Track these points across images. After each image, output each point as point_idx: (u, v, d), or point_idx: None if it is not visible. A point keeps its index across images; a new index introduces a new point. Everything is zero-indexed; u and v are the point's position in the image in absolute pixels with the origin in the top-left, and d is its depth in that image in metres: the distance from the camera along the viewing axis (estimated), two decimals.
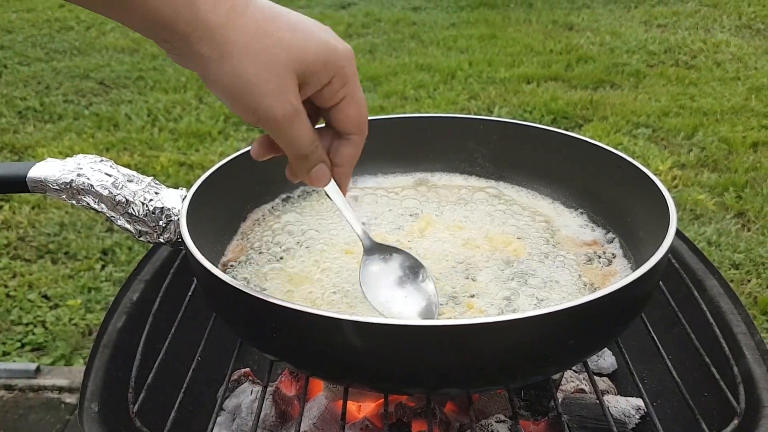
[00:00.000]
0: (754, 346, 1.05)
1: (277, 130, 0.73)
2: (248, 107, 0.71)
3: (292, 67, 0.70)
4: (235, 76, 0.69)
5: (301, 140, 0.75)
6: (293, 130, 0.73)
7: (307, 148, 0.76)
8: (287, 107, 0.71)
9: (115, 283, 2.57)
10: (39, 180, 1.00)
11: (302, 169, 0.79)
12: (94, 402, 1.01)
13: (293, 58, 0.70)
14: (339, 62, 0.73)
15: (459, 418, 1.09)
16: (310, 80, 0.73)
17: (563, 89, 4.32)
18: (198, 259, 0.83)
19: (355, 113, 0.78)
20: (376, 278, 0.92)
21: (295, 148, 0.76)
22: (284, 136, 0.74)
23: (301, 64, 0.71)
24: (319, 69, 0.72)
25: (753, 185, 3.13)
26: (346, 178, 0.84)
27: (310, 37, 0.71)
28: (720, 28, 5.42)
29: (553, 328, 0.74)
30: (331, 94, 0.75)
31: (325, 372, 0.85)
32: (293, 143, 0.75)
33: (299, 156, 0.77)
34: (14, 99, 4.26)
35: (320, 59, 0.72)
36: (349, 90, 0.76)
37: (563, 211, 1.16)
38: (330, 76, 0.73)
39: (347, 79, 0.75)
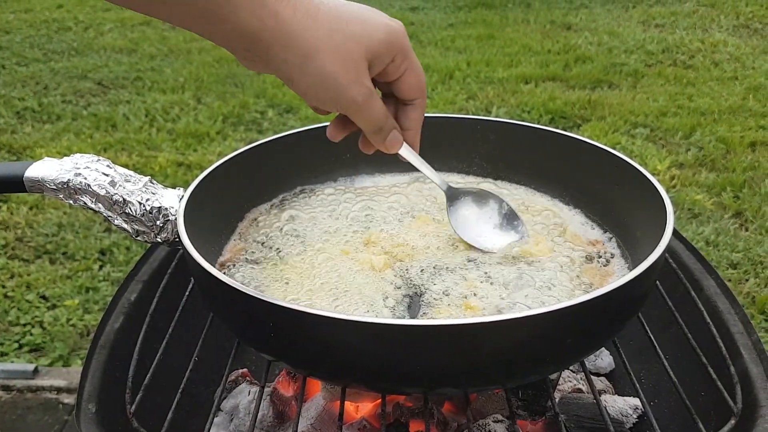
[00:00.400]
0: (751, 345, 1.05)
1: (358, 112, 0.82)
2: (333, 99, 0.79)
3: (364, 55, 0.78)
4: (318, 75, 0.77)
5: (377, 116, 0.84)
6: (370, 109, 0.82)
7: (382, 121, 0.85)
8: (364, 91, 0.80)
9: (113, 284, 2.57)
10: (36, 180, 1.00)
11: (379, 139, 0.88)
12: (91, 402, 1.01)
13: (364, 47, 0.78)
14: (399, 41, 0.81)
15: (457, 417, 1.09)
16: (377, 62, 0.81)
17: (561, 89, 4.32)
18: (195, 258, 0.83)
19: (416, 80, 0.86)
20: (464, 219, 1.07)
21: (373, 124, 0.84)
22: (363, 116, 0.83)
23: (370, 51, 0.79)
24: (384, 51, 0.80)
25: (751, 185, 3.13)
26: (416, 138, 0.93)
27: (373, 25, 0.79)
28: (718, 27, 5.42)
29: (550, 328, 0.74)
30: (395, 69, 0.83)
31: (322, 372, 0.85)
32: (371, 120, 0.84)
33: (376, 129, 0.85)
34: (12, 99, 4.25)
35: (384, 42, 0.80)
36: (410, 62, 0.84)
37: (562, 208, 1.16)
38: (393, 55, 0.81)
39: (406, 53, 0.83)
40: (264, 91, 4.30)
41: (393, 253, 1.04)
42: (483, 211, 1.08)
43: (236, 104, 4.10)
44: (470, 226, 1.06)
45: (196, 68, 4.72)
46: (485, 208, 1.08)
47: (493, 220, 1.08)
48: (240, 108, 4.07)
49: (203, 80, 4.51)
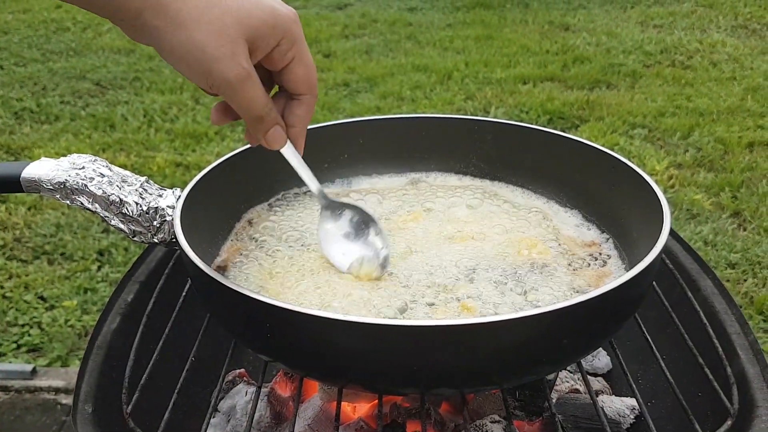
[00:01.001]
0: (748, 346, 1.05)
1: (232, 92, 0.78)
2: (202, 72, 0.76)
3: (241, 32, 0.75)
4: (188, 44, 0.74)
5: (254, 102, 0.80)
6: (246, 91, 0.78)
7: (262, 110, 0.81)
8: (239, 70, 0.76)
9: (111, 284, 2.57)
10: (33, 180, 1.00)
11: (258, 131, 0.84)
12: (88, 403, 1.01)
13: (242, 24, 0.75)
14: (285, 25, 0.78)
15: (454, 418, 1.09)
16: (260, 44, 0.77)
17: (559, 90, 4.32)
18: (192, 259, 0.83)
19: (304, 73, 0.83)
20: (331, 234, 1.01)
21: (250, 110, 0.81)
22: (238, 99, 0.79)
23: (250, 28, 0.75)
24: (267, 32, 0.77)
25: (749, 185, 3.13)
26: (300, 138, 0.89)
27: (255, 4, 0.76)
28: (716, 28, 5.43)
29: (546, 329, 0.74)
30: (280, 56, 0.80)
31: (319, 372, 0.85)
32: (248, 105, 0.80)
33: (254, 118, 0.82)
34: (10, 100, 4.25)
35: (268, 23, 0.76)
36: (297, 51, 0.81)
37: (558, 210, 1.16)
38: (278, 39, 0.78)
39: (294, 40, 0.80)
40: None
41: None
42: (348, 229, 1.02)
43: None
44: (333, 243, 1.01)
45: None
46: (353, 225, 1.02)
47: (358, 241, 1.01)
48: None
49: None
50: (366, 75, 4.59)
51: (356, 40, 5.48)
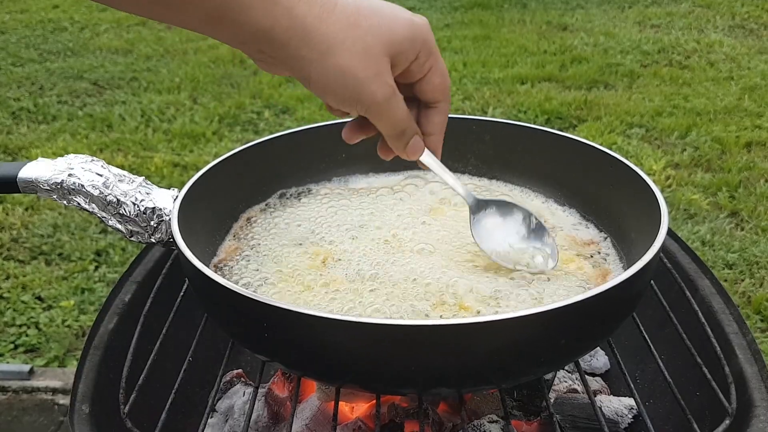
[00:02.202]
0: (746, 345, 1.05)
1: (378, 112, 0.77)
2: (352, 97, 0.75)
3: (385, 51, 0.74)
4: (337, 71, 0.72)
5: (398, 118, 0.79)
6: (392, 109, 0.78)
7: (405, 124, 0.81)
8: (386, 89, 0.75)
9: (108, 284, 2.56)
10: (29, 180, 0.99)
11: (400, 144, 0.83)
12: (85, 403, 1.01)
13: (384, 42, 0.74)
14: (423, 36, 0.77)
15: (451, 418, 1.09)
16: (401, 59, 0.76)
17: (557, 90, 4.32)
18: (189, 258, 0.83)
19: (440, 82, 0.81)
20: (488, 232, 0.99)
21: (394, 126, 0.80)
22: (384, 117, 0.78)
23: (392, 46, 0.74)
24: (407, 47, 0.76)
25: (746, 185, 3.14)
26: (438, 144, 0.88)
27: (394, 19, 0.75)
28: (713, 28, 5.43)
29: (543, 328, 0.74)
30: (418, 68, 0.79)
31: (316, 372, 0.85)
32: (392, 122, 0.79)
33: (398, 132, 0.81)
34: (8, 100, 4.24)
35: (407, 38, 0.75)
36: (434, 60, 0.79)
37: (556, 209, 1.16)
38: (417, 52, 0.77)
39: (431, 50, 0.78)
40: (260, 91, 4.29)
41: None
42: (507, 224, 1.00)
43: (232, 105, 4.10)
44: (494, 241, 0.99)
45: (192, 69, 4.72)
46: (510, 220, 1.00)
47: (520, 235, 1.00)
48: (236, 108, 4.06)
49: (199, 81, 4.51)
50: None
51: None
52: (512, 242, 0.99)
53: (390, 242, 1.06)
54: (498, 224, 1.00)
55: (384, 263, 1.00)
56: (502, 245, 0.99)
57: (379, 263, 1.00)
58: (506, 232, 1.00)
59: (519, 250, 0.99)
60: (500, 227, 1.00)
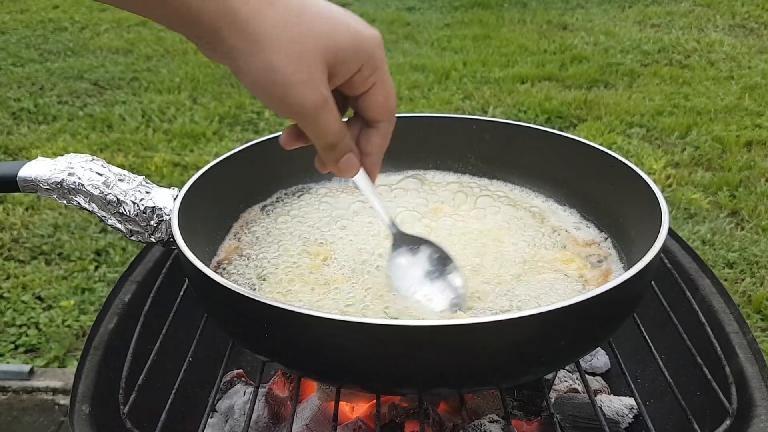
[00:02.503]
0: (747, 345, 1.05)
1: (306, 119, 0.73)
2: (279, 98, 0.71)
3: (322, 57, 0.70)
4: (266, 68, 0.69)
5: (329, 130, 0.75)
6: (321, 120, 0.73)
7: (335, 138, 0.76)
8: (316, 97, 0.71)
9: (108, 284, 2.56)
10: (29, 179, 0.99)
11: (330, 159, 0.79)
12: (85, 403, 1.00)
13: (324, 47, 0.70)
14: (369, 49, 0.73)
15: (452, 418, 1.09)
16: (341, 69, 0.72)
17: (557, 89, 4.32)
18: (189, 258, 0.83)
19: (384, 99, 0.78)
20: (403, 270, 0.94)
21: (324, 138, 0.76)
22: (313, 126, 0.74)
23: (332, 53, 0.71)
24: (349, 57, 0.72)
25: (747, 184, 3.13)
26: (375, 166, 0.84)
27: (339, 26, 0.71)
28: (714, 27, 5.43)
29: (544, 329, 0.74)
30: (361, 81, 0.75)
31: (317, 372, 0.85)
32: (322, 133, 0.75)
33: (327, 145, 0.77)
34: (8, 100, 4.24)
35: (350, 47, 0.71)
36: (379, 76, 0.76)
37: (557, 209, 1.16)
38: (360, 64, 0.73)
39: (377, 65, 0.75)
40: None
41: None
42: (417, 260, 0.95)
43: (232, 104, 4.10)
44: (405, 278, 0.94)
45: (192, 68, 4.72)
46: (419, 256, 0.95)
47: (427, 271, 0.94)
48: (236, 108, 4.06)
49: (199, 80, 4.51)
50: None
51: None
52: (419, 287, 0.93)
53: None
54: (413, 264, 0.95)
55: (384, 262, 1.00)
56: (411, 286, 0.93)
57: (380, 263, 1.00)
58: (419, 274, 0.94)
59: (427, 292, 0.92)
60: (414, 267, 0.94)
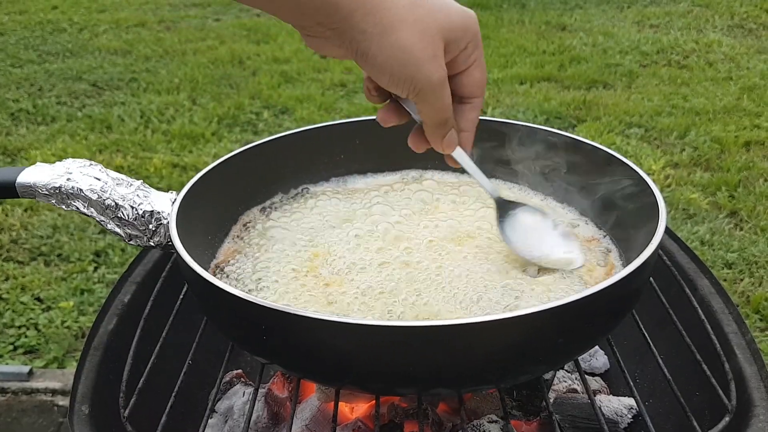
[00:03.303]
0: (745, 344, 1.05)
1: (432, 95, 0.76)
2: (408, 76, 0.74)
3: (441, 34, 0.74)
4: (396, 48, 0.72)
5: (446, 105, 0.78)
6: (442, 95, 0.77)
7: (448, 113, 0.79)
8: (441, 72, 0.75)
9: (108, 285, 2.56)
10: (28, 185, 0.99)
11: (439, 134, 0.81)
12: (84, 405, 1.01)
13: (441, 25, 0.74)
14: (474, 28, 0.77)
15: (451, 418, 1.09)
16: (452, 47, 0.76)
17: (556, 90, 4.32)
18: (187, 262, 0.83)
19: (481, 76, 0.81)
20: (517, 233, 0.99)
21: (441, 113, 0.79)
22: (436, 101, 0.77)
23: (449, 30, 0.74)
24: (460, 35, 0.76)
25: (745, 184, 3.14)
26: (470, 140, 0.87)
27: (450, 6, 0.75)
28: (712, 28, 5.43)
29: (541, 327, 0.74)
30: (464, 59, 0.78)
31: (316, 374, 0.85)
32: (439, 108, 0.78)
33: (442, 121, 0.80)
34: (7, 101, 4.24)
35: (461, 26, 0.76)
36: (479, 54, 0.79)
37: (556, 207, 1.16)
38: (467, 42, 0.77)
39: (478, 43, 0.79)
40: (259, 92, 4.29)
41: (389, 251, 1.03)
42: (536, 227, 1.00)
43: (231, 105, 4.10)
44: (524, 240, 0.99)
45: (191, 69, 4.72)
46: (539, 223, 1.01)
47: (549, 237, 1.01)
48: (235, 109, 4.06)
49: (198, 81, 4.51)
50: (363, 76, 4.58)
51: None
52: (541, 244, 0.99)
53: (389, 241, 1.06)
54: (526, 225, 1.00)
55: (384, 262, 1.00)
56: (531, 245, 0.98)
57: (379, 262, 1.00)
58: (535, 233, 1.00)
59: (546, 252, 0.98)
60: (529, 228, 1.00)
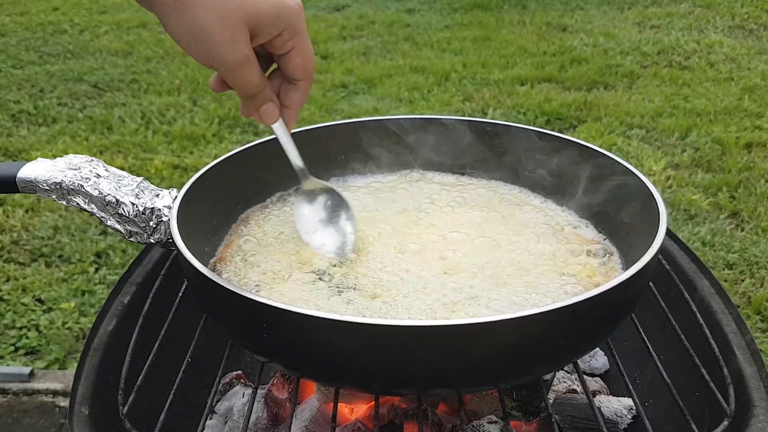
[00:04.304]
0: (745, 345, 1.05)
1: (229, 73, 0.83)
2: (202, 53, 0.80)
3: (244, 20, 0.79)
4: (192, 26, 0.78)
5: (249, 83, 0.86)
6: (242, 74, 0.84)
7: (255, 90, 0.87)
8: (238, 55, 0.81)
9: (108, 286, 2.56)
10: (29, 180, 0.99)
11: (251, 107, 0.90)
12: (84, 405, 1.01)
13: (246, 12, 0.79)
14: (289, 17, 0.83)
15: (451, 419, 1.09)
16: (261, 32, 0.82)
17: (557, 90, 4.32)
18: (188, 259, 0.83)
19: (302, 62, 0.88)
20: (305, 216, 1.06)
21: (244, 89, 0.87)
22: (235, 79, 0.84)
23: (253, 18, 0.79)
24: (269, 23, 0.81)
25: (746, 185, 3.13)
26: (293, 118, 0.95)
27: None
28: (713, 28, 5.43)
29: (542, 329, 0.74)
30: (281, 44, 0.85)
31: (315, 373, 0.85)
32: (242, 85, 0.86)
33: (248, 95, 0.88)
34: (8, 102, 4.24)
35: (271, 14, 0.81)
36: (298, 41, 0.86)
37: (555, 209, 1.16)
38: (280, 29, 0.83)
39: (296, 31, 0.85)
40: None
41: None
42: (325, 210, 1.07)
43: (232, 106, 4.10)
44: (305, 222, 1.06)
45: (191, 70, 4.72)
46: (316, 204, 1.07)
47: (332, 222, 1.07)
48: (236, 110, 4.06)
49: (199, 82, 4.51)
50: (363, 76, 4.59)
51: (354, 41, 5.48)
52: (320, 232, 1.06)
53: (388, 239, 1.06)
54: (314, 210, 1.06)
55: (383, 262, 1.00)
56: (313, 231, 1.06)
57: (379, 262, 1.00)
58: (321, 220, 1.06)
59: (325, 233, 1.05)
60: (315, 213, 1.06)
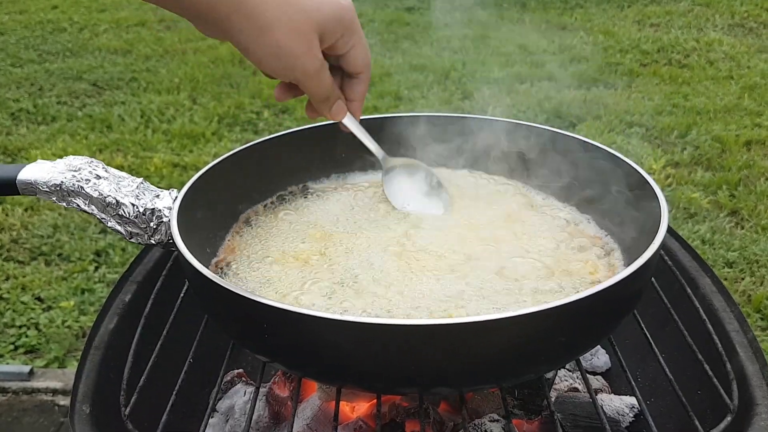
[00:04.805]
0: (747, 343, 1.05)
1: (309, 81, 0.90)
2: (285, 68, 0.87)
3: (315, 29, 0.85)
4: (273, 47, 0.83)
5: (325, 86, 0.93)
6: (319, 79, 0.90)
7: (329, 91, 0.94)
8: (316, 63, 0.88)
9: (108, 285, 2.56)
10: (29, 182, 0.99)
11: (324, 107, 0.97)
12: (85, 404, 1.00)
13: (314, 21, 0.84)
14: (348, 18, 0.88)
15: (452, 417, 1.09)
16: (328, 36, 0.87)
17: (557, 89, 4.31)
18: (188, 260, 0.83)
19: (363, 56, 0.94)
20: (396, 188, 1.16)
21: (322, 93, 0.93)
22: (313, 85, 0.91)
23: (320, 25, 0.85)
24: (333, 26, 0.87)
25: (746, 183, 3.13)
26: (359, 109, 1.02)
27: (323, 2, 0.85)
28: (713, 27, 5.43)
29: (543, 326, 0.74)
30: (343, 44, 0.91)
31: (317, 372, 0.85)
32: (319, 89, 0.92)
33: (323, 97, 0.94)
34: (7, 101, 4.24)
35: (334, 18, 0.86)
36: (357, 39, 0.92)
37: (556, 206, 1.16)
38: (342, 31, 0.88)
39: (354, 30, 0.90)
40: (260, 91, 4.29)
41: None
42: (414, 181, 1.16)
43: (232, 105, 4.10)
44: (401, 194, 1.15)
45: (191, 69, 4.72)
46: (416, 178, 1.17)
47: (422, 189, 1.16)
48: (235, 108, 4.06)
49: (198, 81, 4.51)
50: None
51: None
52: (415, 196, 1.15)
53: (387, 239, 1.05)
54: (405, 181, 1.16)
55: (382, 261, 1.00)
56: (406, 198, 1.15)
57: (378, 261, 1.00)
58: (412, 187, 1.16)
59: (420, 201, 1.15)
60: (407, 183, 1.16)
